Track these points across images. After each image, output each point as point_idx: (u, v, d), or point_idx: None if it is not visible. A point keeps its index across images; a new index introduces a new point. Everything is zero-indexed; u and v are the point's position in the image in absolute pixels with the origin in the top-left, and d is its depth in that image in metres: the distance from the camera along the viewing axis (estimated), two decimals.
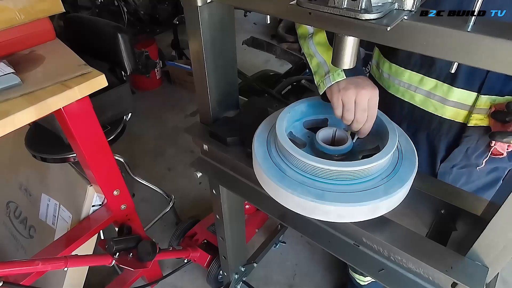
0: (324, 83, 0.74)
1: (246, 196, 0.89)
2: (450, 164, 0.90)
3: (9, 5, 0.91)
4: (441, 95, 0.80)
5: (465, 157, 0.87)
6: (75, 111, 0.96)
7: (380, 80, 0.95)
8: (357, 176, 0.66)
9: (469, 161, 0.88)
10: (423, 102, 0.84)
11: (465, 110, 0.79)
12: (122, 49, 1.39)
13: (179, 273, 1.70)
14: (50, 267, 0.98)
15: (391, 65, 0.87)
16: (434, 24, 0.45)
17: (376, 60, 0.96)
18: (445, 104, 0.81)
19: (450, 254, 0.63)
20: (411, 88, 0.85)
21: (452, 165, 0.90)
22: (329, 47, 0.78)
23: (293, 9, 0.53)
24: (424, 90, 0.83)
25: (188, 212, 2.03)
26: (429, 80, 0.81)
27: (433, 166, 0.93)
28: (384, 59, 0.89)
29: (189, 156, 2.45)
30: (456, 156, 0.87)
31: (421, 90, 0.83)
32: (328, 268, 1.76)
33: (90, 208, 1.30)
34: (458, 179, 0.93)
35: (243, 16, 4.02)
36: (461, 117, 0.81)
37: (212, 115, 0.91)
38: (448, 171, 0.91)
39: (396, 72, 0.86)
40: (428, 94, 0.82)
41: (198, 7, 0.71)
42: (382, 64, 0.91)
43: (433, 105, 0.83)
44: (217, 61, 0.83)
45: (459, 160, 0.88)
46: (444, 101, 0.81)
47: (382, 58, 0.90)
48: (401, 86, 0.87)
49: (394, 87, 0.89)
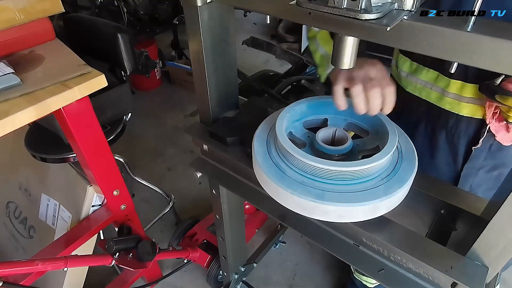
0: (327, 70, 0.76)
1: (246, 196, 0.89)
2: (474, 165, 0.87)
3: (9, 5, 0.91)
4: (456, 92, 0.80)
5: (490, 155, 0.84)
6: (75, 111, 0.96)
7: (398, 79, 0.94)
8: (357, 176, 0.66)
9: (495, 159, 0.85)
10: (439, 99, 0.84)
11: (482, 106, 0.78)
12: (122, 49, 1.39)
13: (179, 273, 1.70)
14: (50, 267, 0.98)
15: (412, 63, 0.87)
16: (434, 24, 0.45)
17: (395, 60, 0.95)
18: (461, 101, 0.80)
19: (450, 254, 0.63)
20: (427, 86, 0.85)
21: (479, 167, 0.87)
22: (331, 40, 0.80)
23: (293, 9, 0.53)
24: (439, 88, 0.82)
25: (188, 212, 2.03)
26: (443, 77, 0.80)
27: (456, 167, 0.90)
28: (404, 57, 0.89)
29: (189, 156, 2.45)
30: (479, 155, 0.85)
31: (437, 88, 0.83)
32: (328, 268, 1.76)
33: (90, 208, 1.30)
34: (484, 183, 0.89)
35: (243, 16, 4.01)
36: (479, 113, 0.79)
37: (212, 115, 0.91)
38: (474, 173, 0.88)
39: (416, 70, 0.86)
40: (443, 92, 0.82)
41: (198, 7, 0.71)
42: (402, 63, 0.90)
43: (448, 103, 0.82)
44: (217, 61, 0.83)
45: (483, 159, 0.85)
46: (459, 98, 0.80)
47: (402, 57, 0.90)
48: (419, 84, 0.87)
49: (412, 86, 0.89)
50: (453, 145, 0.88)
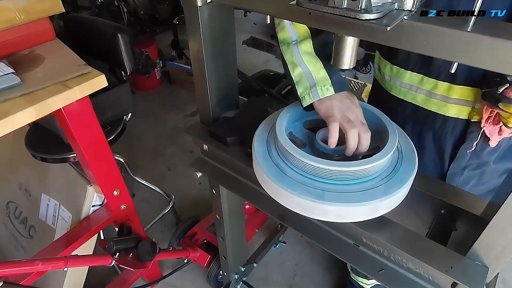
0: (310, 96, 0.74)
1: (246, 196, 0.89)
2: (460, 165, 0.88)
3: (9, 5, 0.91)
4: (443, 94, 0.80)
5: (475, 155, 0.85)
6: (75, 111, 0.96)
7: (382, 82, 0.95)
8: (357, 176, 0.66)
9: (480, 159, 0.86)
10: (425, 101, 0.84)
11: (468, 107, 0.79)
12: (122, 49, 1.40)
13: (179, 273, 1.70)
14: (50, 267, 0.98)
15: (392, 67, 0.87)
16: (434, 24, 0.45)
17: (377, 63, 0.96)
18: (448, 102, 0.80)
19: (450, 254, 0.63)
20: (412, 89, 0.85)
21: (464, 166, 0.88)
22: (316, 59, 0.76)
23: (293, 9, 0.53)
24: (425, 90, 0.82)
25: (188, 212, 2.03)
26: (429, 80, 0.80)
27: (442, 167, 0.91)
28: (385, 61, 0.89)
29: (189, 156, 2.45)
30: (464, 154, 0.86)
31: (422, 90, 0.83)
32: (328, 268, 1.76)
33: (90, 208, 1.30)
34: (468, 181, 0.91)
35: (243, 16, 4.01)
36: (464, 114, 0.80)
37: (212, 115, 0.91)
38: (459, 172, 0.89)
39: (397, 73, 0.86)
40: (429, 94, 0.82)
41: (198, 7, 0.71)
42: (384, 66, 0.91)
43: (435, 104, 0.83)
44: (217, 61, 0.83)
45: (468, 159, 0.86)
46: (446, 100, 0.80)
47: (383, 61, 0.90)
48: (403, 87, 0.87)
49: (396, 89, 0.89)
50: (440, 145, 0.89)
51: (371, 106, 0.79)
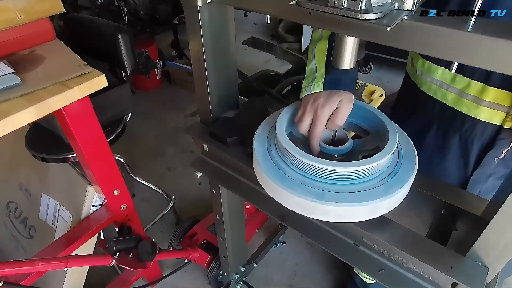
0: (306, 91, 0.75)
1: (246, 196, 0.89)
2: (485, 171, 0.85)
3: (9, 5, 0.91)
4: (475, 95, 0.76)
5: (503, 164, 0.82)
6: (75, 111, 0.96)
7: (413, 77, 0.92)
8: (357, 176, 0.66)
9: (508, 167, 0.82)
10: (456, 101, 0.81)
11: (502, 112, 0.75)
12: (122, 49, 1.40)
13: (179, 273, 1.70)
14: (50, 267, 0.98)
15: (424, 62, 0.84)
16: (434, 24, 0.45)
17: (410, 56, 0.93)
18: (480, 104, 0.77)
19: (450, 254, 0.63)
20: (443, 86, 0.82)
21: (489, 174, 0.85)
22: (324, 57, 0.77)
23: (293, 9, 0.53)
24: (456, 89, 0.79)
25: (188, 212, 2.03)
26: (462, 78, 0.77)
27: (465, 172, 0.88)
28: (418, 55, 0.86)
29: (189, 156, 2.45)
30: (491, 161, 0.82)
31: (453, 89, 0.80)
32: (328, 268, 1.76)
33: (90, 208, 1.30)
34: (492, 190, 0.86)
35: (243, 16, 4.01)
36: (497, 119, 0.76)
37: (212, 115, 0.91)
38: (483, 179, 0.86)
39: (429, 69, 0.83)
40: (461, 93, 0.79)
41: (198, 7, 0.71)
42: (416, 60, 0.87)
43: (466, 105, 0.79)
44: (217, 61, 0.83)
45: (494, 166, 0.83)
46: (478, 101, 0.77)
47: (416, 55, 0.87)
48: (434, 84, 0.84)
49: (427, 85, 0.86)
50: (465, 149, 0.85)
51: (371, 106, 0.79)
